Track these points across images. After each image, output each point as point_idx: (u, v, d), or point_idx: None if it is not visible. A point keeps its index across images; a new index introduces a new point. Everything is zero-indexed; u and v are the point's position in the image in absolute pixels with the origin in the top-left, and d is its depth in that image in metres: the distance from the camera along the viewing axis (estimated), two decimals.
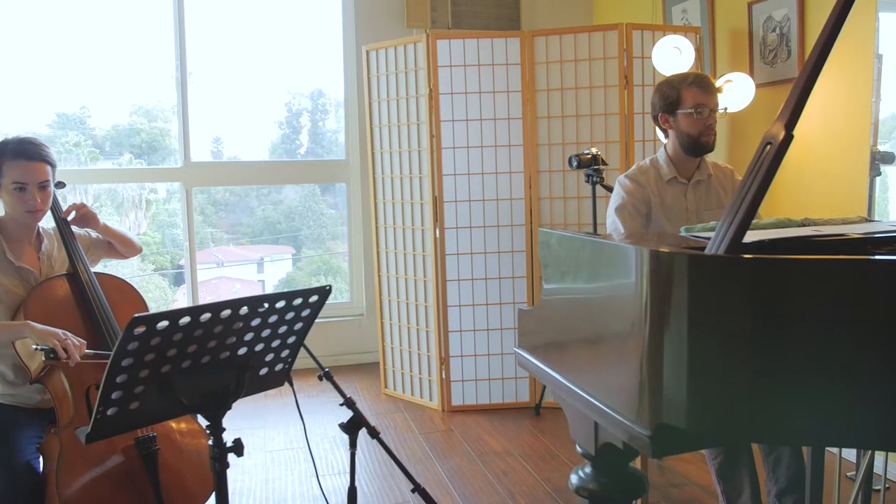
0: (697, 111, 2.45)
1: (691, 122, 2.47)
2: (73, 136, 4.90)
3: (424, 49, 3.86)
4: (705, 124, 2.47)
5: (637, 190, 2.56)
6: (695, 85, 2.46)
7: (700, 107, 2.45)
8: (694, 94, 2.46)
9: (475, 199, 3.90)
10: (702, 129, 2.47)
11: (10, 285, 2.19)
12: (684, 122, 2.49)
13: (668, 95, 2.50)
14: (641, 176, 2.59)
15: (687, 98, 2.47)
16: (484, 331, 3.94)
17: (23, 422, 2.14)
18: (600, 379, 1.64)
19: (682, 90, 2.47)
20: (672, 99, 2.49)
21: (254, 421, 3.81)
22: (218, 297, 5.29)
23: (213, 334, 1.55)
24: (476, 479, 3.11)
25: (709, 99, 2.46)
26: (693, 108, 2.45)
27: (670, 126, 2.54)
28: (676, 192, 2.58)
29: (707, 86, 2.47)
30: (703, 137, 2.48)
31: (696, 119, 2.46)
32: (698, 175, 2.60)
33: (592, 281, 1.77)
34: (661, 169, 2.59)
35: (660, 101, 2.53)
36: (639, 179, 2.58)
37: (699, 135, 2.48)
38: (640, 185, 2.57)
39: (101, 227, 2.44)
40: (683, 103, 2.47)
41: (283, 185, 5.37)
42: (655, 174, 2.59)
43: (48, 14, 4.61)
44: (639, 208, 2.55)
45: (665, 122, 2.55)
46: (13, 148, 2.18)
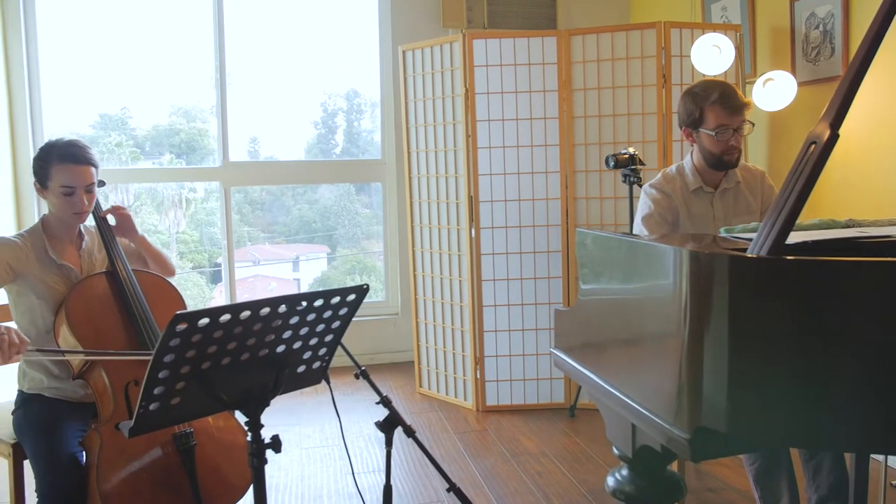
0: (719, 132, 2.39)
1: (713, 142, 2.41)
2: (114, 137, 5.00)
3: (460, 49, 3.86)
4: (727, 144, 2.40)
5: (663, 199, 2.53)
6: (718, 104, 2.37)
7: (723, 128, 2.38)
8: (717, 114, 2.38)
9: (511, 198, 3.89)
10: (724, 149, 2.41)
11: (52, 282, 2.24)
12: (706, 140, 2.43)
13: (691, 112, 2.43)
14: (667, 185, 2.55)
15: (709, 118, 2.39)
16: (519, 331, 3.93)
17: (68, 415, 2.19)
18: (638, 380, 1.63)
19: (705, 108, 2.39)
20: (694, 116, 2.43)
21: (289, 418, 3.85)
22: (254, 295, 5.35)
23: (253, 332, 1.57)
24: (511, 479, 3.11)
25: (732, 119, 2.38)
26: (715, 129, 2.39)
27: (693, 140, 2.50)
28: (703, 202, 2.54)
29: (732, 105, 2.37)
30: (725, 156, 2.43)
31: (718, 140, 2.40)
32: (725, 183, 2.55)
33: (630, 282, 1.75)
34: (686, 178, 2.55)
35: (683, 113, 2.48)
36: (664, 188, 2.55)
37: (721, 154, 2.42)
38: (666, 194, 2.53)
39: (138, 238, 2.46)
40: (705, 122, 2.40)
41: (319, 184, 5.42)
42: (681, 183, 2.55)
43: (92, 19, 4.72)
44: (665, 217, 2.52)
45: (688, 136, 2.50)
46: (60, 152, 2.22)
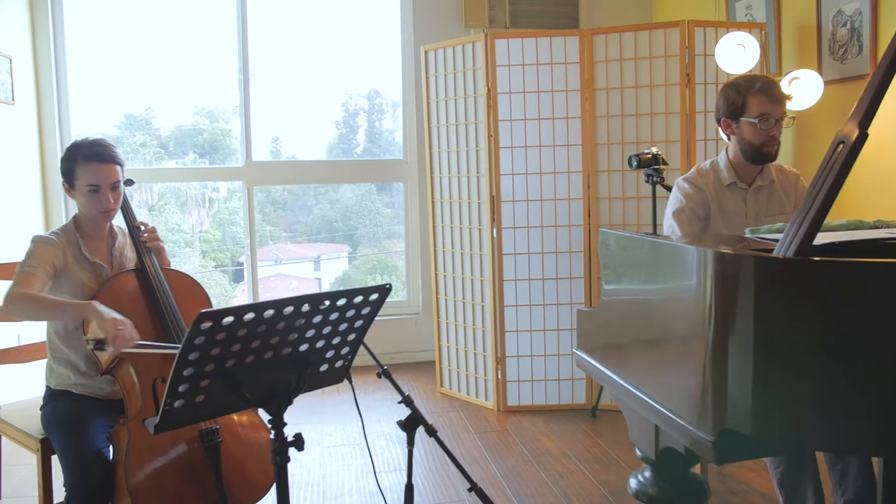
0: (762, 121, 2.37)
1: (754, 131, 2.39)
2: (139, 137, 5.06)
3: (482, 48, 3.86)
4: (769, 134, 2.38)
5: (696, 194, 2.51)
6: (762, 92, 2.36)
7: (765, 116, 2.36)
8: (760, 102, 2.36)
9: (533, 198, 3.88)
10: (765, 140, 2.39)
11: (84, 279, 2.27)
12: (747, 130, 2.41)
13: (733, 101, 2.42)
14: (700, 179, 2.53)
15: (752, 106, 2.38)
16: (540, 331, 3.92)
17: (94, 411, 2.22)
18: (661, 382, 1.62)
19: (749, 97, 2.38)
20: (737, 105, 2.41)
21: (311, 416, 3.87)
22: (276, 294, 5.39)
23: (276, 330, 1.58)
24: (532, 479, 3.10)
25: (775, 108, 2.37)
26: (758, 117, 2.37)
27: (732, 132, 2.47)
28: (736, 198, 2.52)
29: (775, 94, 2.37)
30: (765, 147, 2.40)
31: (760, 129, 2.38)
32: (760, 181, 2.53)
33: (653, 282, 1.74)
34: (720, 173, 2.53)
35: (724, 104, 2.45)
36: (697, 183, 2.53)
37: (761, 144, 2.40)
38: (699, 188, 2.51)
39: (166, 262, 2.48)
40: (748, 111, 2.39)
41: (342, 184, 5.44)
42: (715, 178, 2.53)
43: (117, 22, 4.78)
44: (697, 212, 2.50)
45: (727, 128, 2.48)
46: (85, 151, 2.25)
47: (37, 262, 2.18)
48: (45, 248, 2.23)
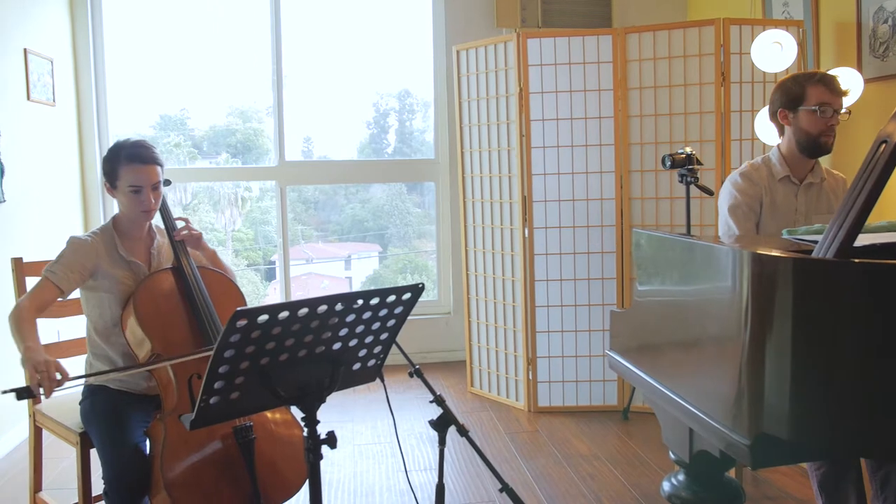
0: (822, 109, 2.36)
1: (813, 120, 2.38)
2: (173, 137, 5.15)
3: (514, 48, 3.85)
4: (827, 124, 2.38)
5: (750, 188, 2.48)
6: (822, 83, 2.38)
7: (825, 105, 2.36)
8: (820, 91, 2.37)
9: (565, 198, 3.86)
10: (822, 129, 2.39)
11: (121, 278, 2.32)
12: (805, 119, 2.40)
13: (792, 90, 2.42)
14: (754, 173, 2.50)
15: (812, 95, 2.38)
16: (572, 332, 3.90)
17: (132, 406, 2.26)
18: (696, 384, 1.60)
19: (808, 87, 2.39)
20: (795, 94, 2.41)
21: (342, 414, 3.90)
22: (307, 292, 5.43)
23: (310, 329, 1.59)
24: (562, 481, 3.09)
25: (835, 99, 2.37)
26: (817, 105, 2.36)
27: (789, 123, 2.45)
28: (787, 192, 2.49)
29: (835, 86, 2.38)
30: (822, 137, 2.40)
31: (819, 118, 2.37)
32: (811, 177, 2.50)
33: (687, 283, 1.72)
34: (773, 167, 2.51)
35: (782, 96, 2.45)
36: (752, 177, 2.50)
37: (819, 134, 2.39)
38: (754, 182, 2.49)
39: (209, 252, 2.52)
40: (807, 100, 2.39)
41: (373, 183, 5.47)
42: (768, 172, 2.51)
43: (154, 25, 4.86)
44: (753, 208, 2.47)
45: (784, 119, 2.46)
46: (128, 153, 2.29)
47: (60, 269, 2.23)
48: (76, 252, 2.27)
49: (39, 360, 1.95)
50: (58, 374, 1.94)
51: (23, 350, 2.03)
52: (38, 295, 2.20)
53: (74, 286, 2.27)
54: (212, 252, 2.52)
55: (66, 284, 2.23)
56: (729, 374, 1.45)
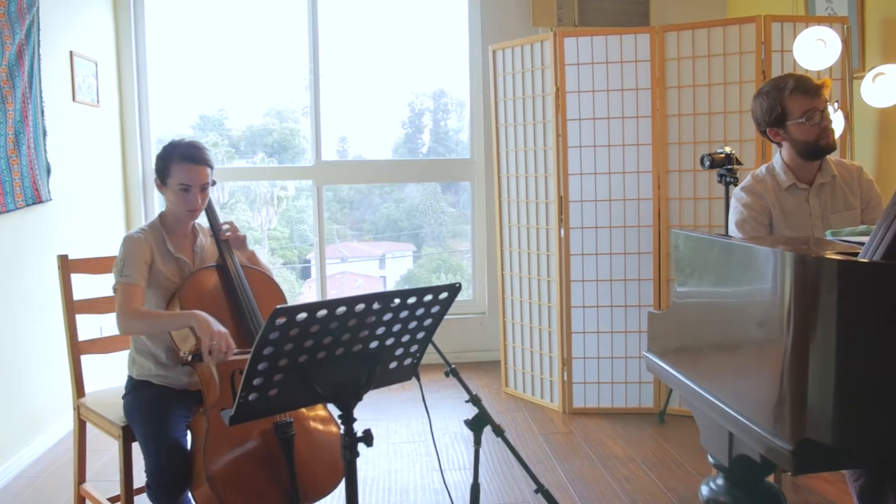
0: (808, 117, 2.31)
1: (804, 130, 2.33)
2: (212, 137, 5.23)
3: (551, 47, 3.83)
4: (820, 127, 2.32)
5: (755, 202, 2.44)
6: (797, 91, 2.31)
7: (810, 112, 2.31)
8: (799, 101, 2.32)
9: (601, 199, 3.84)
10: (818, 134, 2.33)
11: (168, 273, 2.37)
12: (797, 131, 2.35)
13: (771, 109, 2.36)
14: (758, 186, 2.46)
15: (793, 108, 2.33)
16: (608, 333, 3.87)
17: (173, 401, 2.31)
18: (736, 387, 1.58)
19: (785, 101, 2.33)
20: (777, 113, 2.36)
21: (377, 413, 3.92)
22: (342, 291, 5.47)
23: (348, 327, 1.61)
24: (597, 483, 3.06)
25: (816, 102, 2.31)
26: (802, 115, 2.31)
27: (783, 139, 2.41)
28: (798, 199, 2.44)
29: (809, 88, 2.32)
30: (821, 141, 2.34)
31: (810, 126, 2.32)
32: (821, 178, 2.44)
33: (727, 284, 1.70)
34: (777, 177, 2.45)
35: (762, 116, 2.40)
36: (755, 190, 2.45)
37: (817, 139, 2.34)
38: (758, 195, 2.44)
39: (248, 253, 2.56)
40: (791, 114, 2.34)
41: (408, 183, 5.49)
42: (773, 182, 2.45)
43: (193, 27, 4.95)
44: (760, 220, 2.43)
45: (776, 136, 2.42)
46: (181, 152, 2.34)
47: (132, 269, 2.28)
48: (135, 249, 2.32)
49: (216, 329, 2.10)
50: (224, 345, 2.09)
51: (192, 318, 2.14)
52: (129, 299, 2.24)
53: (146, 282, 2.32)
54: (251, 252, 2.56)
55: (142, 281, 2.29)
56: (770, 377, 1.43)
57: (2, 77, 3.18)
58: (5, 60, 3.20)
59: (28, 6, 3.38)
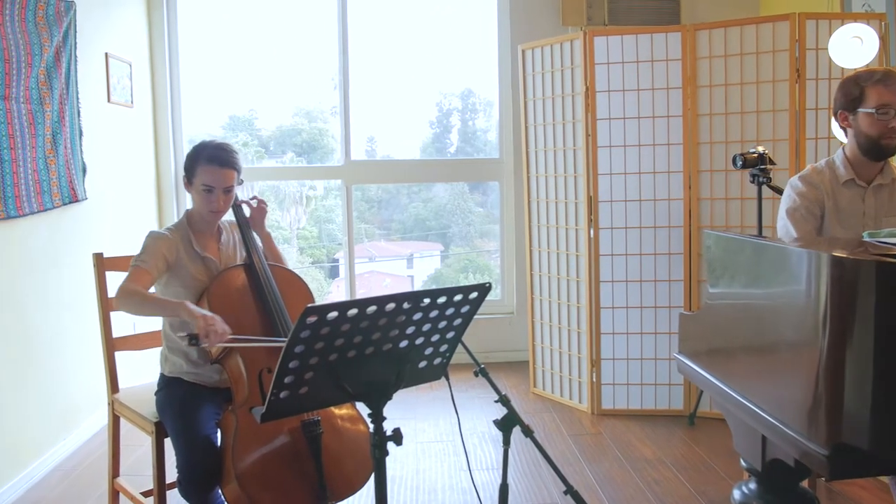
0: (880, 112, 2.25)
1: (871, 122, 2.27)
2: (242, 137, 5.28)
3: (581, 46, 3.81)
4: (887, 126, 2.26)
5: (810, 192, 2.39)
6: (881, 83, 2.25)
7: (884, 107, 2.24)
8: (879, 92, 2.25)
9: (631, 199, 3.81)
10: (882, 131, 2.27)
11: (196, 273, 2.39)
12: (864, 121, 2.29)
13: (851, 92, 2.31)
14: (816, 177, 2.41)
15: (871, 96, 2.27)
16: (637, 334, 3.84)
17: (204, 398, 2.34)
18: (770, 390, 1.56)
19: (867, 87, 2.27)
20: (854, 96, 2.30)
21: (405, 412, 3.93)
22: (370, 290, 5.49)
23: (378, 326, 1.61)
24: (626, 485, 3.04)
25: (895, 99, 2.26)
26: (875, 107, 2.25)
27: (849, 125, 2.35)
28: (853, 196, 2.39)
29: (892, 83, 2.25)
30: (883, 140, 2.28)
31: (878, 120, 2.26)
32: (880, 179, 2.39)
33: (761, 286, 1.68)
34: (836, 170, 2.41)
35: (841, 96, 2.34)
36: (812, 181, 2.41)
37: (879, 137, 2.28)
38: (814, 186, 2.40)
39: (264, 233, 2.58)
40: (866, 101, 2.28)
41: (436, 182, 5.50)
42: (831, 175, 2.41)
43: (224, 29, 5.01)
44: (812, 211, 2.38)
45: (844, 120, 2.36)
46: (208, 153, 2.36)
47: (148, 257, 2.32)
48: (158, 242, 2.35)
49: (206, 313, 2.11)
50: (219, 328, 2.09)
51: (180, 309, 2.15)
52: (132, 280, 2.27)
53: (160, 274, 2.35)
54: (266, 233, 2.58)
55: (154, 270, 2.32)
56: (806, 380, 1.41)
57: (40, 79, 3.24)
58: (43, 63, 3.26)
59: (65, 9, 3.45)
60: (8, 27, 3.00)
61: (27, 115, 3.15)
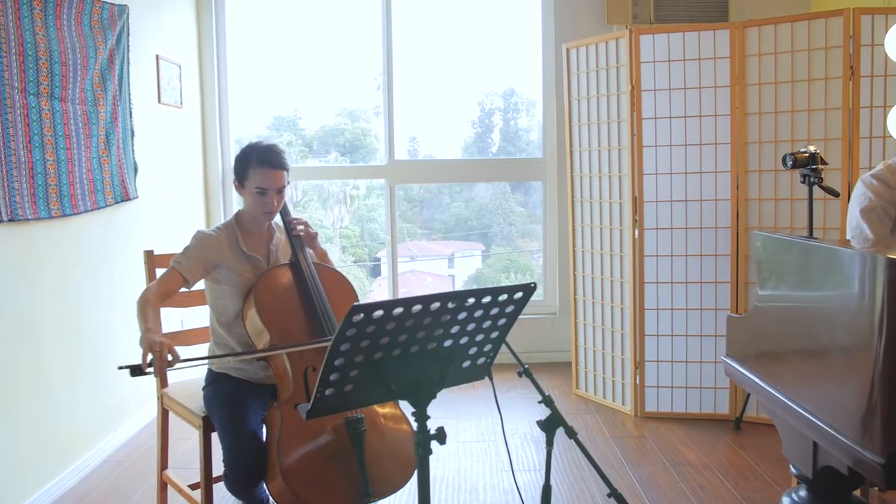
0: None
1: None
2: (286, 137, 5.35)
3: (626, 45, 3.77)
4: None
5: (886, 191, 2.32)
6: None
7: None
8: None
9: (677, 199, 3.75)
10: None
11: (243, 271, 2.43)
12: None
13: None
14: (891, 176, 2.34)
15: None
16: (682, 336, 3.78)
17: (250, 394, 2.37)
18: (822, 395, 1.52)
19: None
20: None
21: (447, 411, 3.94)
22: (411, 289, 5.52)
23: (423, 325, 1.62)
24: (671, 490, 3.00)
25: None
26: None
27: None
28: None
29: None
30: None
31: None
32: None
33: (813, 288, 1.64)
34: None
35: None
36: (888, 180, 2.33)
37: None
38: (890, 186, 2.32)
39: (320, 251, 2.61)
40: None
41: (479, 182, 5.49)
42: None
43: (269, 31, 5.08)
44: (888, 212, 2.31)
45: None
46: (259, 156, 2.39)
47: (186, 260, 2.37)
48: (202, 243, 2.40)
49: (155, 340, 2.08)
50: (169, 356, 2.05)
51: (143, 331, 2.16)
52: (164, 282, 2.34)
53: (198, 278, 2.40)
54: (322, 251, 2.61)
55: (190, 276, 2.37)
56: (860, 386, 1.37)
57: (95, 81, 3.33)
58: (98, 65, 3.35)
59: (119, 13, 3.54)
60: (65, 31, 3.09)
61: (82, 116, 3.24)
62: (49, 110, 2.99)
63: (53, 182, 3.03)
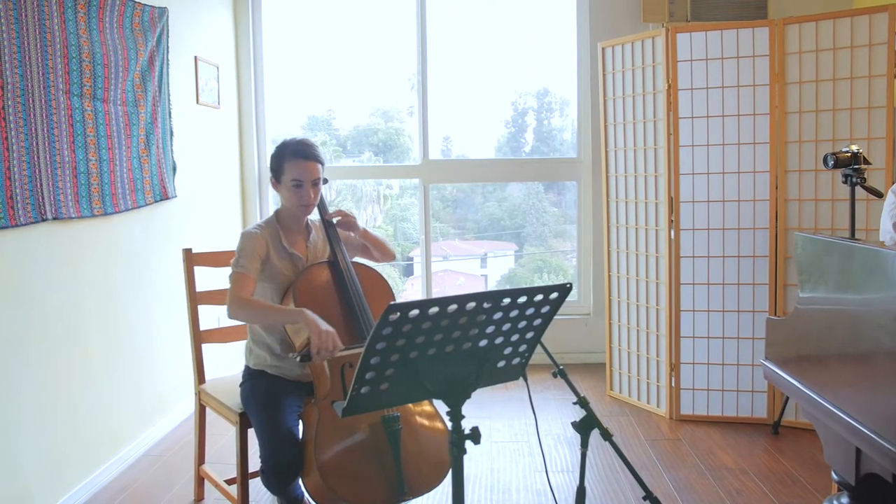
0: None
1: None
2: (320, 136, 5.39)
3: (663, 44, 3.73)
4: None
5: None
6: None
7: None
8: None
9: (714, 199, 3.70)
10: None
11: (283, 268, 2.46)
12: None
13: None
14: None
15: None
16: (719, 338, 3.73)
17: (286, 391, 2.40)
18: (866, 400, 1.49)
19: None
20: None
21: (480, 411, 3.94)
22: (444, 289, 5.52)
23: (458, 325, 1.62)
24: (706, 494, 2.96)
25: None
26: None
27: None
28: None
29: None
30: None
31: None
32: None
33: (856, 291, 1.61)
34: None
35: None
36: None
37: None
38: None
39: (360, 231, 2.65)
40: None
41: (512, 182, 5.48)
42: None
43: (304, 32, 5.12)
44: None
45: None
46: (292, 149, 2.44)
47: (247, 260, 2.39)
48: (251, 242, 2.43)
49: (324, 328, 2.17)
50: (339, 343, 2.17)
51: (300, 316, 2.20)
52: (240, 288, 2.35)
53: (258, 275, 2.43)
54: (363, 230, 2.64)
55: (254, 273, 2.40)
56: None
57: (135, 82, 3.40)
58: (139, 66, 3.42)
59: (159, 15, 3.60)
60: (107, 34, 3.16)
61: (123, 116, 3.30)
62: (91, 111, 3.06)
63: (95, 181, 3.10)
